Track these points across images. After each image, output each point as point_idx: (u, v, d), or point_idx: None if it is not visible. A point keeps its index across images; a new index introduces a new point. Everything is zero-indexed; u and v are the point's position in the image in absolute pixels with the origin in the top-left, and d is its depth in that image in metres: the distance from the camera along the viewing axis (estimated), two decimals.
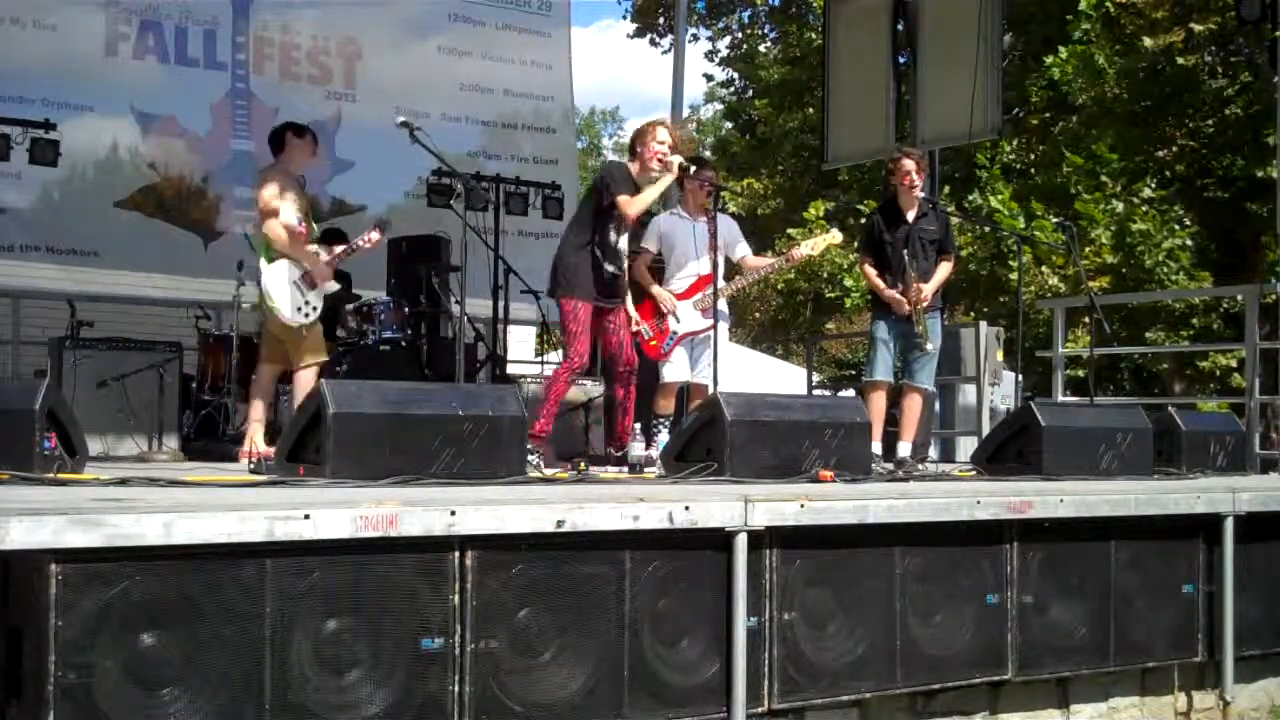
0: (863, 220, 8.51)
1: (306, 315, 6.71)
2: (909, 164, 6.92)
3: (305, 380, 6.66)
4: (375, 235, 7.02)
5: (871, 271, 7.01)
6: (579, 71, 12.82)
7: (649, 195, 6.46)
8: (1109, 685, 5.33)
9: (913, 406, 7.04)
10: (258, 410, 6.84)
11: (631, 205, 6.40)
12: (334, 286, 6.93)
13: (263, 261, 6.68)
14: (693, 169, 6.62)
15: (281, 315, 6.62)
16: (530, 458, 5.93)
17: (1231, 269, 16.40)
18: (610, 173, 6.61)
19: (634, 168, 6.58)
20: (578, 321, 6.38)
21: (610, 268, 6.47)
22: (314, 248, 6.86)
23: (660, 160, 6.44)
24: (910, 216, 6.94)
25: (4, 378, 9.00)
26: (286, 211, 6.69)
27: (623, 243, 6.55)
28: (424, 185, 10.56)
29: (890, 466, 6.59)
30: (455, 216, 6.36)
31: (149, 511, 3.14)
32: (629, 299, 6.72)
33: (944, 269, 7.04)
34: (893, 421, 7.26)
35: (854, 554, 4.48)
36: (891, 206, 7.07)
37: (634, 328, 6.74)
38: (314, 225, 7.08)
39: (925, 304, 6.84)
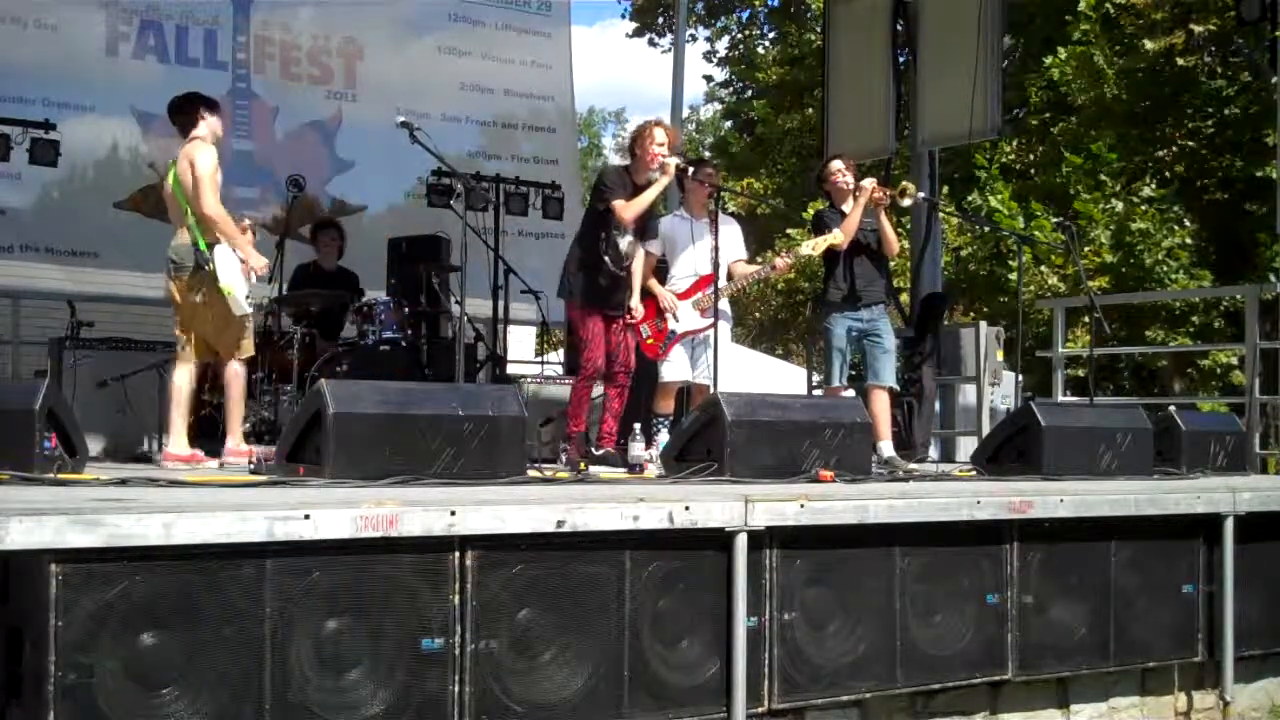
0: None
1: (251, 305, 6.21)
2: (836, 164, 7.22)
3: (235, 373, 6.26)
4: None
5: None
6: (579, 71, 12.83)
7: (645, 198, 6.49)
8: (1109, 685, 5.33)
9: (880, 405, 7.01)
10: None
11: (628, 210, 6.45)
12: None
13: (219, 248, 6.17)
14: (690, 169, 6.62)
15: (237, 305, 6.06)
16: (561, 455, 6.20)
17: (1231, 269, 16.38)
18: (603, 178, 6.67)
19: (632, 169, 6.62)
20: (590, 331, 6.50)
21: (617, 271, 6.55)
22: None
23: (658, 161, 6.46)
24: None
25: (4, 378, 8.99)
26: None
27: (625, 243, 6.57)
28: (424, 185, 10.55)
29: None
30: (455, 216, 6.36)
31: (149, 511, 3.13)
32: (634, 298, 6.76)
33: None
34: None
35: (854, 554, 4.48)
36: (831, 208, 7.23)
37: (632, 321, 6.78)
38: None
39: (877, 194, 6.96)
